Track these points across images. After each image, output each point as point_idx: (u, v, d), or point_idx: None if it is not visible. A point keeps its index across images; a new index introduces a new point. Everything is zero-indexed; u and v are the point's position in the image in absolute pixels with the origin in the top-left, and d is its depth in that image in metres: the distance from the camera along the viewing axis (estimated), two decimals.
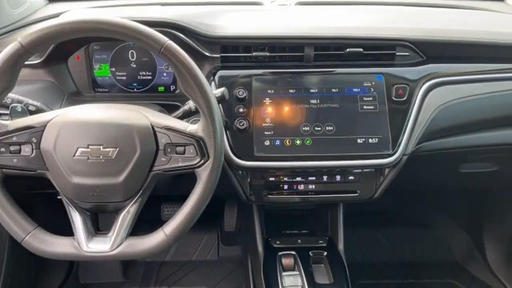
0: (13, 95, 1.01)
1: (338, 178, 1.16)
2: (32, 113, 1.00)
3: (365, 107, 1.14)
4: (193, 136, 0.89)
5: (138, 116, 0.91)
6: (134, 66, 1.24)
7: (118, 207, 0.92)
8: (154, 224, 1.03)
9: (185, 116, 1.04)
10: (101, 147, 0.87)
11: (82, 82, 1.23)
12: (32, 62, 1.15)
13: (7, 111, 1.01)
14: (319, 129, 1.12)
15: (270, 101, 1.13)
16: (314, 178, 1.16)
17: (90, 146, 0.86)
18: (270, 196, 1.17)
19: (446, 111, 1.17)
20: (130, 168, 0.88)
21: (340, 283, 1.16)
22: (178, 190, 1.11)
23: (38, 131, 0.88)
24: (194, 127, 0.90)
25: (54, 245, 0.90)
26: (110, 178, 0.88)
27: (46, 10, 1.42)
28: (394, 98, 1.15)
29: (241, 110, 1.12)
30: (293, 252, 1.24)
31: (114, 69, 1.23)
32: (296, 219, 1.44)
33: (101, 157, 0.87)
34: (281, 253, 1.24)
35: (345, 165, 1.12)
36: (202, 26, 1.16)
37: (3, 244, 1.45)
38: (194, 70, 0.86)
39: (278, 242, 1.30)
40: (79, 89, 1.23)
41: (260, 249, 1.30)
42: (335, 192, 1.18)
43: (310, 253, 1.25)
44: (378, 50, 1.19)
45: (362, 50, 1.17)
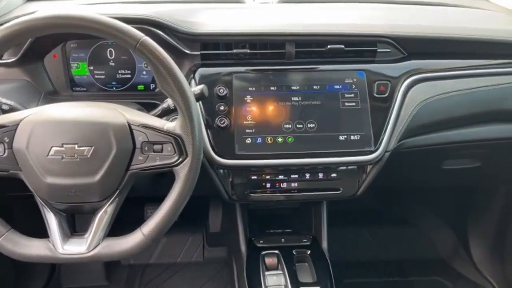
0: None
1: (320, 175, 1.15)
2: (5, 112, 0.97)
3: (346, 104, 1.13)
4: (170, 134, 0.88)
5: (114, 114, 0.89)
6: (113, 64, 1.21)
7: (95, 208, 0.90)
8: (138, 225, 1.01)
9: (164, 114, 1.02)
10: (76, 146, 0.84)
11: (59, 81, 1.20)
12: (6, 60, 1.13)
13: None
14: (301, 126, 1.11)
15: (251, 98, 1.12)
16: (296, 176, 1.15)
17: (64, 145, 0.84)
18: (252, 195, 1.16)
19: (428, 107, 1.17)
20: (106, 167, 0.86)
21: (323, 282, 1.15)
22: (161, 190, 1.09)
23: (11, 130, 0.86)
24: (172, 125, 0.89)
25: (28, 247, 0.88)
26: (86, 178, 0.86)
27: (24, 9, 1.39)
28: (375, 94, 1.15)
29: (222, 108, 1.11)
30: (276, 251, 1.23)
31: (92, 67, 1.21)
32: (279, 219, 1.43)
33: (76, 156, 0.84)
34: (264, 252, 1.23)
35: (327, 162, 1.11)
36: (181, 23, 1.15)
37: None
38: (171, 66, 0.84)
39: (261, 242, 1.28)
40: (56, 88, 1.20)
41: (243, 248, 1.28)
42: (318, 189, 1.17)
43: (294, 252, 1.24)
44: (359, 47, 1.18)
45: (343, 46, 1.17)
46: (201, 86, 0.98)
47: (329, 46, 1.16)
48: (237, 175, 1.14)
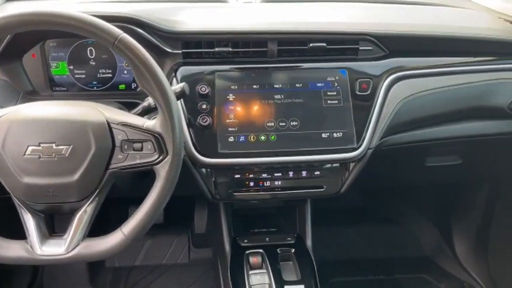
0: None
1: (304, 173, 1.15)
2: None
3: (329, 102, 1.13)
4: (150, 132, 0.87)
5: (93, 112, 0.88)
6: (93, 63, 1.20)
7: (74, 208, 0.88)
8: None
9: (144, 113, 1.01)
10: (53, 145, 0.83)
11: (38, 81, 1.18)
12: None
13: None
14: (284, 124, 1.11)
15: (234, 97, 1.11)
16: (280, 174, 1.15)
17: (41, 144, 0.83)
18: (236, 193, 1.15)
19: (409, 105, 1.18)
20: (85, 166, 0.84)
21: (307, 280, 1.15)
22: (144, 191, 1.08)
23: None
24: (152, 123, 0.88)
25: (6, 249, 0.86)
26: (64, 177, 0.84)
27: (3, 9, 1.37)
28: (357, 92, 1.15)
29: (204, 107, 1.10)
30: (260, 250, 1.22)
31: (72, 67, 1.19)
32: (264, 218, 1.43)
33: (53, 155, 0.83)
34: (248, 251, 1.22)
35: (310, 160, 1.11)
36: (162, 21, 1.14)
37: None
38: (149, 63, 0.83)
39: (245, 241, 1.28)
40: (36, 88, 1.18)
41: (227, 248, 1.28)
42: (302, 187, 1.17)
43: (278, 250, 1.24)
44: (341, 45, 1.18)
45: (325, 45, 1.17)
46: (181, 84, 0.97)
47: (311, 44, 1.16)
48: (220, 174, 1.14)
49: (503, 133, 1.29)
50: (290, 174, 1.15)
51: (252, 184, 1.15)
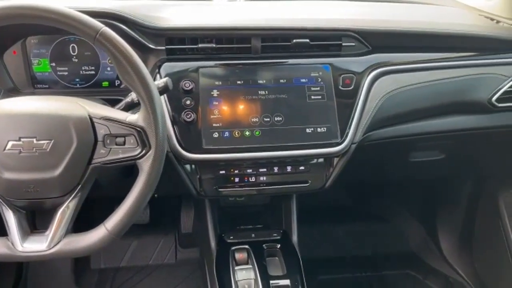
0: None
1: (289, 168, 1.16)
2: None
3: (313, 97, 1.14)
4: (133, 126, 0.86)
5: (75, 107, 0.87)
6: (76, 60, 1.19)
7: (56, 204, 0.87)
8: None
9: (128, 108, 1.00)
10: (34, 140, 0.82)
11: (19, 78, 1.17)
12: None
13: None
14: (268, 119, 1.11)
15: (218, 92, 1.11)
16: (265, 170, 1.15)
17: (22, 139, 0.82)
18: (221, 189, 1.15)
19: (392, 100, 1.19)
20: (66, 161, 0.83)
21: (293, 274, 1.15)
22: (128, 190, 1.07)
23: None
24: (134, 117, 0.87)
25: None
26: (45, 172, 0.83)
27: None
28: (341, 88, 1.16)
29: (188, 103, 1.10)
30: (246, 246, 1.22)
31: (54, 64, 1.18)
32: (250, 215, 1.43)
33: (34, 150, 0.82)
34: (234, 247, 1.22)
35: (294, 155, 1.11)
36: (145, 17, 1.13)
37: None
38: (132, 56, 0.83)
39: (231, 237, 1.28)
40: (17, 85, 1.17)
41: (213, 245, 1.27)
42: (287, 182, 1.17)
43: (264, 246, 1.24)
44: (325, 41, 1.19)
45: (308, 41, 1.17)
46: (164, 79, 0.97)
47: (294, 40, 1.17)
48: (205, 170, 1.13)
49: (484, 127, 1.31)
50: (275, 169, 1.15)
51: (237, 180, 1.15)
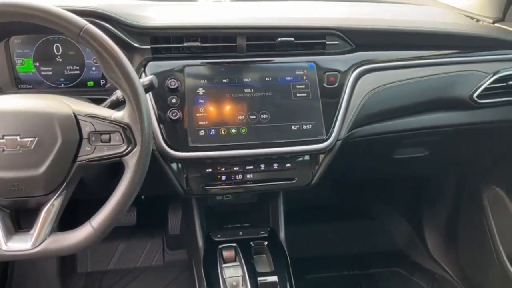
0: None
1: (275, 166, 1.16)
2: None
3: (298, 95, 1.15)
4: (118, 123, 0.86)
5: (59, 104, 0.87)
6: (60, 60, 1.18)
7: (40, 202, 0.86)
8: None
9: (113, 107, 0.99)
10: (17, 138, 0.81)
11: (3, 79, 1.16)
12: None
13: None
14: (254, 117, 1.12)
15: (204, 91, 1.12)
16: (251, 167, 1.15)
17: (5, 137, 0.81)
18: (208, 187, 1.15)
19: (376, 97, 1.21)
20: (51, 158, 0.83)
21: (281, 271, 1.15)
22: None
23: None
24: (120, 114, 0.87)
25: None
26: (30, 170, 0.82)
27: None
28: (326, 85, 1.17)
29: (173, 101, 1.10)
30: (233, 244, 1.22)
31: (38, 64, 1.17)
32: (237, 214, 1.43)
33: (18, 147, 0.81)
34: (221, 246, 1.22)
35: (280, 152, 1.12)
36: (130, 16, 1.13)
37: None
38: (116, 53, 0.83)
39: (219, 236, 1.27)
40: (0, 86, 1.16)
41: (200, 243, 1.27)
42: (273, 180, 1.18)
43: (252, 243, 1.24)
44: (309, 40, 1.21)
45: (293, 39, 1.18)
46: (150, 77, 0.97)
47: (279, 39, 1.18)
48: (191, 169, 1.13)
49: (467, 123, 1.34)
50: (262, 166, 1.16)
51: (224, 177, 1.15)
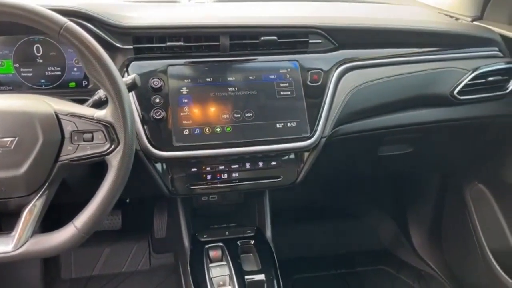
0: None
1: (260, 164, 1.16)
2: None
3: (282, 93, 1.16)
4: (101, 121, 0.85)
5: (40, 104, 0.85)
6: (41, 61, 1.16)
7: (22, 203, 0.85)
8: None
9: (96, 106, 0.98)
10: None
11: None
12: None
13: None
14: (239, 116, 1.12)
15: (187, 90, 1.11)
16: (237, 166, 1.15)
17: None
18: (193, 187, 1.14)
19: (359, 94, 1.22)
20: (32, 158, 0.82)
21: (268, 269, 1.15)
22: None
23: None
24: (102, 113, 0.86)
25: None
26: (10, 171, 0.81)
27: None
28: (309, 83, 1.18)
29: (157, 101, 1.09)
30: (220, 243, 1.22)
31: (18, 65, 1.15)
32: (224, 215, 1.42)
33: None
34: (208, 245, 1.21)
35: (265, 150, 1.12)
36: (112, 16, 1.12)
37: None
38: (98, 51, 0.82)
39: (205, 236, 1.27)
40: None
41: (186, 244, 1.26)
42: (259, 178, 1.18)
43: (238, 243, 1.23)
44: (292, 38, 1.21)
45: (276, 38, 1.19)
46: (132, 76, 0.96)
47: (262, 38, 1.18)
48: (176, 168, 1.13)
49: (449, 119, 1.36)
50: (247, 165, 1.16)
51: (209, 177, 1.14)
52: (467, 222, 1.71)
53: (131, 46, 1.13)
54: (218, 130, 1.10)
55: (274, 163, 1.17)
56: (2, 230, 0.87)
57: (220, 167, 1.14)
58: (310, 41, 1.22)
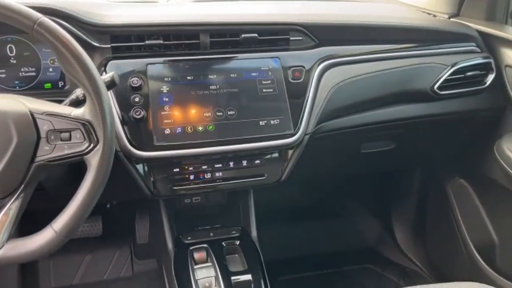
0: None
1: (244, 163, 1.15)
2: None
3: (264, 90, 1.14)
4: (79, 120, 0.82)
5: (13, 103, 0.82)
6: (14, 62, 1.12)
7: None
8: None
9: (73, 106, 0.95)
10: None
11: None
12: None
13: None
14: (221, 114, 1.10)
15: (168, 89, 1.09)
16: (220, 165, 1.13)
17: None
18: (176, 188, 1.11)
19: (341, 91, 1.22)
20: (6, 159, 0.78)
21: (254, 269, 1.13)
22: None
23: None
24: (80, 111, 0.83)
25: None
26: None
27: None
28: (291, 80, 1.17)
29: (137, 100, 1.06)
30: (205, 245, 1.19)
31: None
32: (207, 217, 1.40)
33: None
34: (192, 247, 1.19)
35: (249, 147, 1.10)
36: (89, 14, 1.10)
37: None
38: (74, 46, 0.79)
39: (189, 238, 1.24)
40: None
41: (170, 246, 1.23)
42: (243, 177, 1.16)
43: (223, 243, 1.21)
44: (273, 36, 1.21)
45: (257, 35, 1.18)
46: (111, 73, 0.93)
47: (243, 35, 1.17)
48: (158, 169, 1.10)
49: (430, 114, 1.37)
50: (231, 164, 1.14)
51: (192, 177, 1.12)
52: (450, 217, 1.72)
53: (109, 45, 1.11)
54: (200, 128, 1.08)
55: (258, 162, 1.15)
56: None
57: (203, 167, 1.12)
58: (291, 38, 1.22)
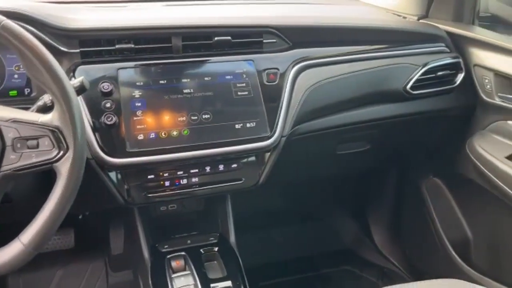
0: None
1: (221, 167, 1.13)
2: None
3: (239, 93, 1.13)
4: (47, 126, 0.79)
5: None
6: None
7: None
8: None
9: (40, 112, 0.91)
10: None
11: None
12: None
13: None
14: (196, 118, 1.08)
15: (140, 93, 1.06)
16: (196, 171, 1.11)
17: None
18: (151, 195, 1.08)
19: (316, 92, 1.22)
20: None
21: (234, 275, 1.11)
22: None
23: None
24: (48, 117, 0.80)
25: None
26: None
27: None
28: (266, 83, 1.16)
29: (108, 105, 1.03)
30: (182, 253, 1.16)
31: None
32: (184, 224, 1.36)
33: None
34: (169, 256, 1.16)
35: (225, 151, 1.08)
36: (56, 18, 1.06)
37: None
38: (39, 49, 0.76)
39: (166, 246, 1.21)
40: None
41: (146, 255, 1.19)
42: (220, 182, 1.14)
43: (202, 250, 1.19)
44: (246, 38, 1.20)
45: (230, 38, 1.17)
46: (80, 78, 0.90)
47: (216, 38, 1.16)
48: (131, 176, 1.07)
49: (404, 114, 1.39)
50: (207, 169, 1.11)
51: (167, 183, 1.09)
52: (425, 216, 1.74)
53: (78, 50, 1.07)
54: (175, 133, 1.05)
55: (235, 166, 1.14)
56: None
57: (178, 173, 1.09)
58: (265, 40, 1.21)
